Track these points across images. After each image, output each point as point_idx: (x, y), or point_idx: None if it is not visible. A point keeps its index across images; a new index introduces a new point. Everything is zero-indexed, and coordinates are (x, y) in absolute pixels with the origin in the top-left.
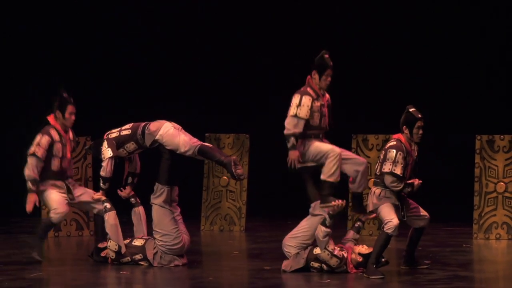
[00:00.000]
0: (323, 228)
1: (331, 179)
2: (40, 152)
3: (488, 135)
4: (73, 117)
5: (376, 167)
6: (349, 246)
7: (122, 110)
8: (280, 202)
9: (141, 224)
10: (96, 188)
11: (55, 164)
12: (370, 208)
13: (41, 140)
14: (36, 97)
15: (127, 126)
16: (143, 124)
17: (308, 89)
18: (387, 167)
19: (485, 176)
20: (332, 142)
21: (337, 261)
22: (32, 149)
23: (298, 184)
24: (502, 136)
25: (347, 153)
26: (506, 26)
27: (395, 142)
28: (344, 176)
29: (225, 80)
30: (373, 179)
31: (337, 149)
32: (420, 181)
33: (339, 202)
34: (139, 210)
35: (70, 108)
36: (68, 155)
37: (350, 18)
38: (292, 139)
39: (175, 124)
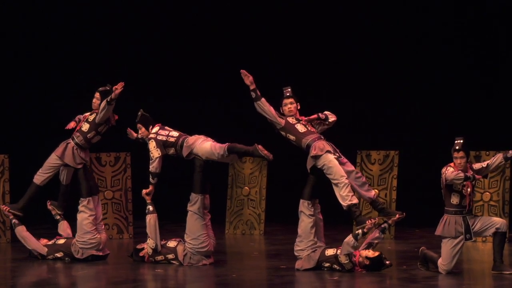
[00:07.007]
0: (353, 241)
1: (352, 202)
2: None
3: (475, 151)
4: None
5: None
6: (357, 251)
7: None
8: (294, 209)
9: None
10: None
11: None
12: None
13: None
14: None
15: (174, 134)
16: (184, 136)
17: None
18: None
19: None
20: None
21: (351, 266)
22: None
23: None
24: (487, 152)
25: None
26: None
27: None
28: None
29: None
30: None
31: (345, 179)
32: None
33: (372, 221)
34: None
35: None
36: None
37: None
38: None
39: (208, 138)
